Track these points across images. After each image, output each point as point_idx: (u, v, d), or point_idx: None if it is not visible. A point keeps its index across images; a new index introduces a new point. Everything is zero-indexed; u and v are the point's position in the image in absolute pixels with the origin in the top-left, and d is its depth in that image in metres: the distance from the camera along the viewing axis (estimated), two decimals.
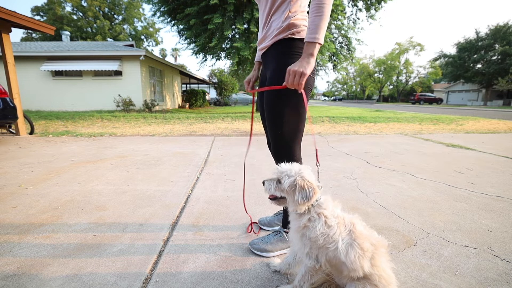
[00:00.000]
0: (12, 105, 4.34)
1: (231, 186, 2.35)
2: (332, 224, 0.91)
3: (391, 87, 45.19)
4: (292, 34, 1.18)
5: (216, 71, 22.47)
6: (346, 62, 15.26)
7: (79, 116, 7.52)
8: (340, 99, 57.05)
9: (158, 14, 11.12)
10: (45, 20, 31.77)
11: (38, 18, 32.52)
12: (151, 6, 11.25)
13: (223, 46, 10.99)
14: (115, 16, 36.94)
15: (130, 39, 35.78)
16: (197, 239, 1.48)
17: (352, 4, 12.33)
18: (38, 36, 32.65)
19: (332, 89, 59.54)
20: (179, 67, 17.72)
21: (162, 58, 15.35)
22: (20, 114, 4.88)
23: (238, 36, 10.27)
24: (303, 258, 0.97)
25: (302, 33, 1.19)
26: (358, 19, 13.00)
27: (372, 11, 12.27)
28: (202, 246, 1.41)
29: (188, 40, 11.26)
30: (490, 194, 2.16)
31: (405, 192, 2.21)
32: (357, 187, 2.34)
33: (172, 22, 11.30)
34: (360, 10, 12.51)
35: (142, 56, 11.61)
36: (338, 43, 13.26)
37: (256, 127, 6.39)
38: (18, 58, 10.87)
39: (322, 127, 6.73)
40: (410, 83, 42.07)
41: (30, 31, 26.32)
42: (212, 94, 27.20)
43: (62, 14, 32.32)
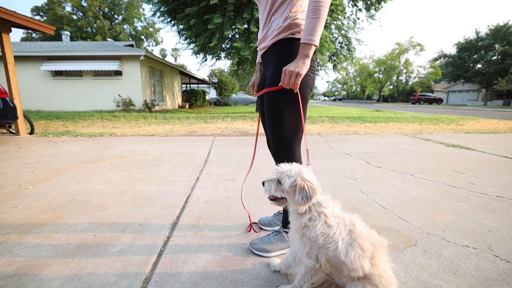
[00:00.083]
0: (12, 105, 4.34)
1: (231, 186, 2.35)
2: (332, 224, 0.91)
3: (391, 87, 45.18)
4: (292, 34, 1.18)
5: (216, 71, 22.46)
6: (346, 62, 15.23)
7: (79, 116, 7.52)
8: (340, 99, 57.02)
9: (158, 14, 11.10)
10: (45, 20, 31.78)
11: (38, 18, 32.55)
12: (151, 6, 11.23)
13: (223, 46, 10.98)
14: (115, 16, 36.94)
15: (130, 39, 35.77)
16: (197, 239, 1.48)
17: (352, 4, 12.32)
18: (38, 36, 32.65)
19: (332, 89, 59.49)
20: (179, 67, 17.72)
21: (162, 58, 15.35)
22: (20, 114, 4.88)
23: (238, 36, 10.26)
24: (303, 258, 0.97)
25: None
26: (358, 19, 12.99)
27: (372, 11, 12.26)
28: (202, 246, 1.41)
29: (188, 40, 11.24)
30: (490, 194, 2.16)
31: (405, 192, 2.21)
32: (357, 187, 2.34)
33: (172, 22, 11.28)
34: (360, 10, 12.49)
35: (142, 56, 11.62)
36: (338, 43, 13.24)
37: (256, 127, 6.39)
38: (18, 58, 10.87)
39: (322, 127, 6.73)
40: (410, 83, 42.05)
41: (30, 31, 26.35)
42: (212, 94, 27.20)
43: (62, 14, 32.32)
